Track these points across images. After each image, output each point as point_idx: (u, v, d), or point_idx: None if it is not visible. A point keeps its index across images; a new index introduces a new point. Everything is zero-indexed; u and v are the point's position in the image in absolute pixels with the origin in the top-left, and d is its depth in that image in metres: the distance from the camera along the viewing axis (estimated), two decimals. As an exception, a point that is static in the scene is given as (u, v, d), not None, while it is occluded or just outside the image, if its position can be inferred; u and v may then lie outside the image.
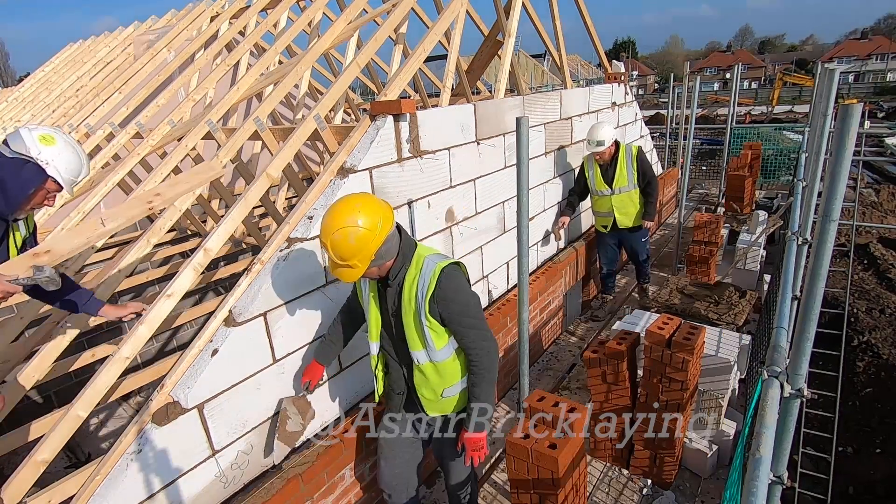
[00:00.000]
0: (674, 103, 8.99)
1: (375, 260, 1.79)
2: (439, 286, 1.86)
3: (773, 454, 1.29)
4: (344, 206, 1.74)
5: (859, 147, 5.69)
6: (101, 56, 5.96)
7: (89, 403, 2.00)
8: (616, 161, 4.48)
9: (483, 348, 1.97)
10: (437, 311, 1.89)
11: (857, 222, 5.20)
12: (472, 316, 1.94)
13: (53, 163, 1.79)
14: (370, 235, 1.72)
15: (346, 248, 1.71)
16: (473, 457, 2.09)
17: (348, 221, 1.70)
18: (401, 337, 2.03)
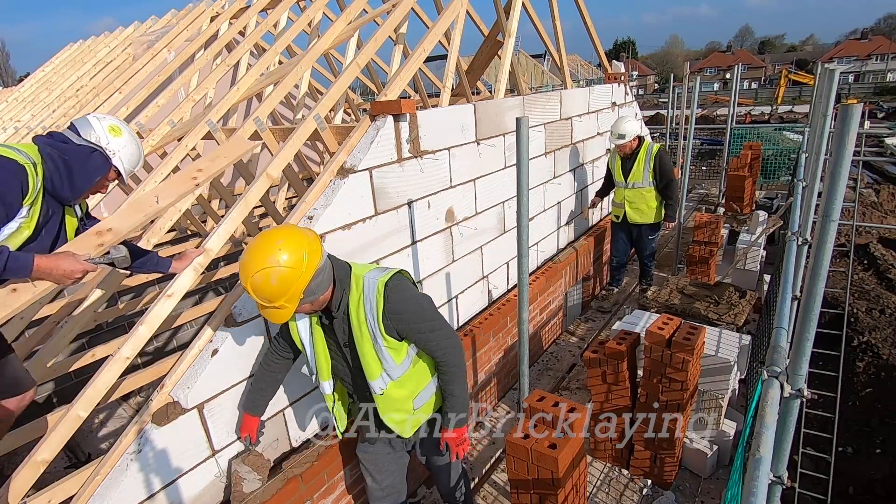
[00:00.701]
0: (674, 103, 8.99)
1: (305, 297, 1.63)
2: (387, 301, 1.75)
3: (773, 454, 1.29)
4: (263, 244, 1.56)
5: (859, 147, 5.69)
6: (101, 56, 5.96)
7: (89, 403, 2.00)
8: (636, 156, 4.63)
9: (449, 346, 1.90)
10: (392, 327, 1.79)
11: (857, 222, 5.20)
12: (429, 319, 1.85)
13: (119, 154, 1.85)
14: (295, 274, 1.55)
15: (269, 290, 1.54)
16: (459, 452, 2.06)
17: (269, 262, 1.53)
18: (357, 367, 1.93)
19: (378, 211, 2.68)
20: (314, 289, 1.65)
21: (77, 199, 1.87)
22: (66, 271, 1.68)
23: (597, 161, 5.37)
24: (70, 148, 1.77)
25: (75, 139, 1.80)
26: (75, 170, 1.77)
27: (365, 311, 1.77)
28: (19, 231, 1.69)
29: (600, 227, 5.41)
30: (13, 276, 1.61)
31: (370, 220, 2.65)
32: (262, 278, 1.53)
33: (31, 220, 1.71)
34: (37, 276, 1.65)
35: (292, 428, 2.41)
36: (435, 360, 1.95)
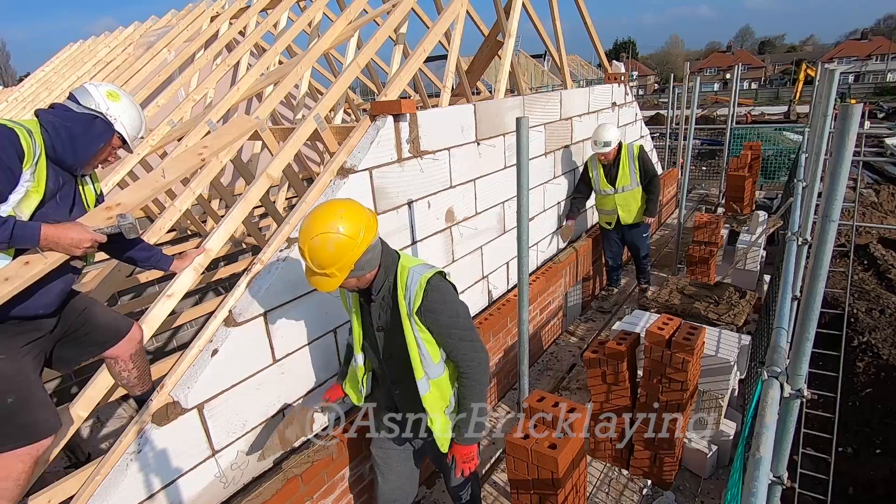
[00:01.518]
0: (674, 104, 8.99)
1: (355, 270, 1.67)
2: (426, 297, 1.77)
3: (773, 454, 1.29)
4: (326, 210, 1.62)
5: (859, 147, 5.70)
6: (101, 56, 5.97)
7: (89, 403, 2.00)
8: (619, 161, 4.60)
9: (475, 360, 1.88)
10: (426, 323, 1.81)
11: (857, 223, 5.21)
12: (462, 327, 1.85)
13: (120, 119, 1.83)
14: (351, 244, 1.60)
15: (324, 256, 1.59)
16: (464, 469, 2.01)
17: (329, 227, 1.58)
18: (388, 354, 1.95)
19: (378, 211, 2.68)
20: (364, 264, 1.68)
21: (83, 167, 1.84)
22: (73, 240, 1.69)
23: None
24: (71, 115, 1.77)
25: (76, 108, 1.79)
26: (77, 136, 1.76)
27: (405, 301, 1.80)
28: (28, 196, 1.66)
29: (596, 231, 5.40)
30: (21, 244, 1.60)
31: (370, 220, 2.64)
32: (320, 242, 1.57)
33: (38, 185, 1.68)
34: (45, 244, 1.65)
35: (292, 428, 2.40)
36: (458, 370, 1.92)
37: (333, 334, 2.55)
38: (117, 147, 1.90)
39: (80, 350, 1.93)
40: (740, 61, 23.20)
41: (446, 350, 1.89)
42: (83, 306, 1.94)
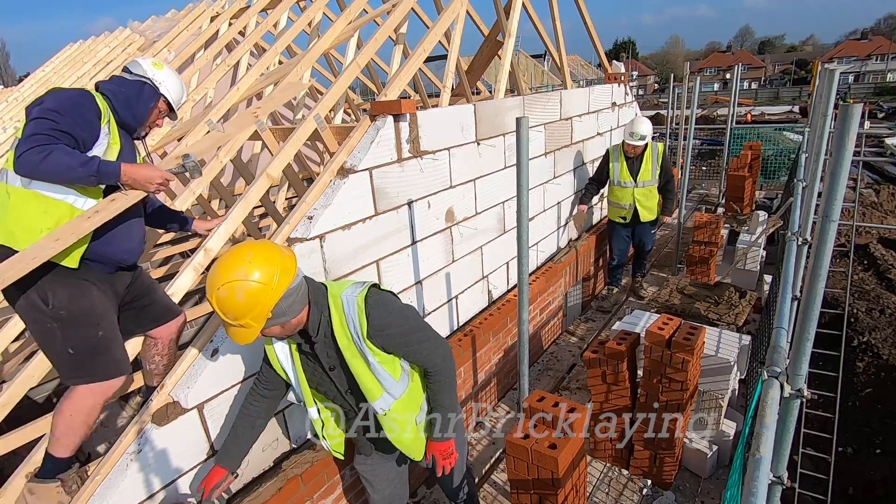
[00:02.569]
0: (674, 103, 8.99)
1: (274, 318, 1.53)
2: (370, 317, 1.67)
3: (773, 454, 1.29)
4: (233, 256, 1.48)
5: (859, 147, 5.70)
6: (101, 56, 5.96)
7: (89, 403, 2.00)
8: (643, 155, 4.67)
9: (439, 356, 1.82)
10: (379, 343, 1.71)
11: (857, 223, 5.21)
12: (416, 330, 1.77)
13: (164, 84, 2.08)
14: (264, 290, 1.46)
15: (234, 306, 1.45)
16: (445, 466, 1.97)
17: (236, 274, 1.44)
18: (347, 388, 1.85)
19: (378, 211, 2.68)
20: (284, 310, 1.54)
21: (141, 127, 2.08)
22: (147, 175, 1.91)
23: (597, 161, 5.36)
24: (125, 82, 2.04)
25: (128, 76, 2.06)
26: (131, 99, 2.01)
27: (350, 331, 1.69)
28: (109, 148, 1.90)
29: (600, 227, 5.40)
30: (105, 179, 1.82)
31: (370, 220, 2.65)
32: (227, 292, 1.44)
33: (114, 140, 1.92)
34: (125, 180, 1.87)
35: (292, 428, 2.41)
36: (425, 371, 1.86)
37: (333, 334, 2.54)
38: (164, 111, 2.15)
39: (138, 322, 2.13)
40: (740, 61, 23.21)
41: (408, 358, 1.82)
42: (149, 281, 2.20)
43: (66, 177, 1.75)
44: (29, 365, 2.20)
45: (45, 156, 1.69)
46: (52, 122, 1.73)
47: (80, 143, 1.80)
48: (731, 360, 2.92)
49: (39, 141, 1.69)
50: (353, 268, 2.60)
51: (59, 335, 1.83)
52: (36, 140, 1.69)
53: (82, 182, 1.79)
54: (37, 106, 1.77)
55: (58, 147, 1.71)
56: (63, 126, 1.75)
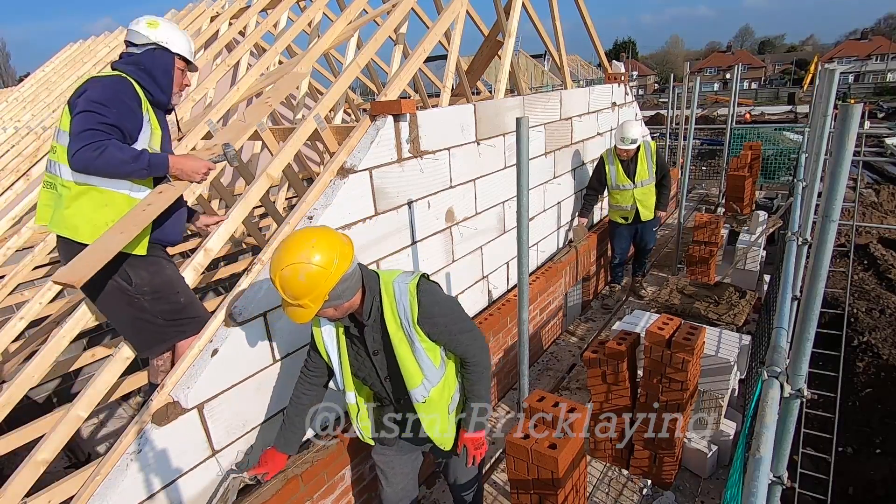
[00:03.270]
0: (674, 103, 8.99)
1: (330, 300, 1.62)
2: (420, 305, 1.75)
3: (773, 454, 1.29)
4: (297, 240, 1.58)
5: (859, 147, 5.69)
6: (101, 56, 5.96)
7: (89, 403, 2.00)
8: (637, 156, 4.67)
9: (479, 347, 1.91)
10: (426, 330, 1.79)
11: (857, 222, 5.20)
12: (460, 321, 1.87)
13: (171, 41, 2.03)
14: (324, 274, 1.55)
15: (295, 287, 1.54)
16: (476, 455, 2.04)
17: (300, 257, 1.53)
18: (387, 375, 1.91)
19: (378, 211, 2.68)
20: (340, 293, 1.64)
21: (171, 97, 2.08)
22: (194, 167, 2.01)
23: (597, 161, 5.37)
24: (139, 57, 1.99)
25: (137, 49, 2.01)
26: (154, 73, 2.00)
27: (399, 316, 1.77)
28: (153, 135, 1.97)
29: (601, 227, 5.40)
30: (156, 171, 1.91)
31: (370, 220, 2.65)
32: (290, 273, 1.53)
33: (155, 125, 1.99)
34: (173, 171, 1.97)
35: (292, 428, 2.40)
36: (463, 361, 1.93)
37: (333, 334, 2.55)
38: (183, 69, 2.13)
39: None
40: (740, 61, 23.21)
41: (449, 348, 1.89)
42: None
43: (119, 171, 1.84)
44: (29, 365, 2.20)
45: (101, 152, 1.75)
46: (100, 115, 1.79)
47: (127, 135, 1.87)
48: (730, 360, 2.92)
49: (93, 137, 1.76)
50: (353, 268, 2.60)
51: (148, 307, 2.03)
52: (89, 136, 1.75)
53: (135, 176, 1.88)
54: (80, 97, 1.82)
55: (111, 143, 1.78)
56: (111, 119, 1.81)
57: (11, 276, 3.08)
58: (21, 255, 3.25)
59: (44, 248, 3.05)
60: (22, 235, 3.22)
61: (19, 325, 2.62)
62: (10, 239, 3.26)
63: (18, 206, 3.65)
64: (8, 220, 3.60)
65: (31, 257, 3.05)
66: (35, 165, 4.18)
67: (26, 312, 2.64)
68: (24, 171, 4.26)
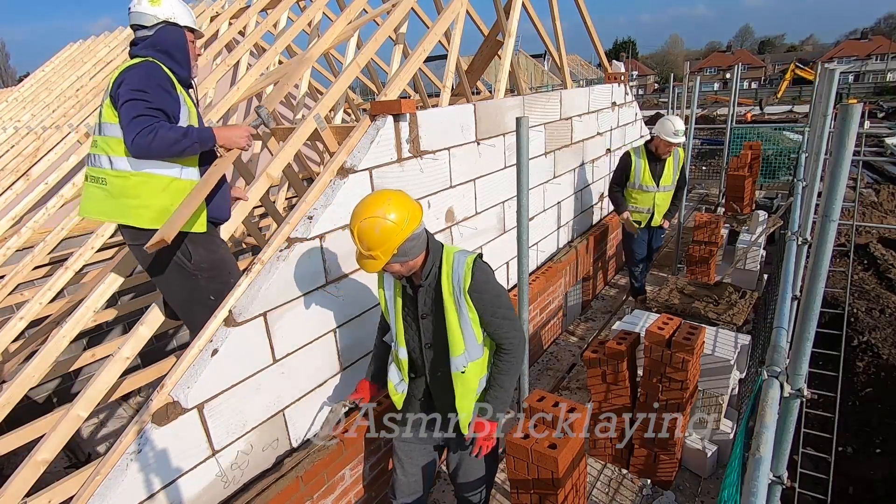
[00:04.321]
0: (674, 103, 8.99)
1: (398, 255, 1.80)
2: (473, 278, 1.89)
3: (772, 454, 1.29)
4: (376, 197, 1.78)
5: (859, 147, 5.70)
6: (101, 56, 5.96)
7: (89, 403, 2.00)
8: (665, 159, 4.50)
9: (516, 338, 2.01)
10: (474, 303, 1.92)
11: (857, 222, 5.20)
12: (504, 306, 1.98)
13: (176, 14, 2.08)
14: (395, 229, 1.74)
15: (371, 238, 1.73)
16: (483, 447, 2.06)
17: (377, 212, 1.73)
18: (428, 343, 2.03)
19: (378, 211, 2.68)
20: (407, 250, 1.80)
21: (191, 71, 2.14)
22: (237, 133, 2.13)
23: (597, 161, 5.36)
24: (153, 38, 2.03)
25: (148, 31, 2.05)
26: (171, 49, 2.04)
27: (453, 283, 1.92)
28: (190, 113, 2.05)
29: (600, 227, 5.40)
30: (205, 145, 2.01)
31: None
32: (368, 225, 1.72)
33: (189, 103, 2.06)
34: (220, 142, 2.08)
35: (292, 428, 2.41)
36: (499, 347, 2.03)
37: (333, 334, 2.55)
38: (193, 41, 2.18)
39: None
40: (740, 61, 23.18)
41: (489, 329, 1.99)
42: None
43: (174, 151, 1.92)
44: (29, 365, 2.20)
45: (154, 135, 1.84)
46: (145, 101, 1.87)
47: (171, 116, 1.95)
48: (730, 359, 2.92)
49: (144, 123, 1.84)
50: (353, 267, 2.60)
51: (202, 285, 2.16)
52: (141, 122, 1.84)
53: (187, 153, 1.97)
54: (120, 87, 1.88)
55: (161, 125, 1.87)
56: (156, 103, 1.89)
57: (11, 276, 3.08)
58: (21, 255, 3.26)
59: (44, 248, 3.05)
60: (22, 235, 3.22)
61: (19, 325, 2.63)
62: (10, 239, 3.26)
63: (18, 206, 3.65)
64: (8, 220, 3.60)
65: (31, 257, 3.05)
66: (35, 165, 4.18)
67: (26, 312, 2.64)
68: (24, 171, 4.25)
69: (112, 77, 1.98)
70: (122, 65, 2.00)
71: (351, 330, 2.62)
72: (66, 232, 3.09)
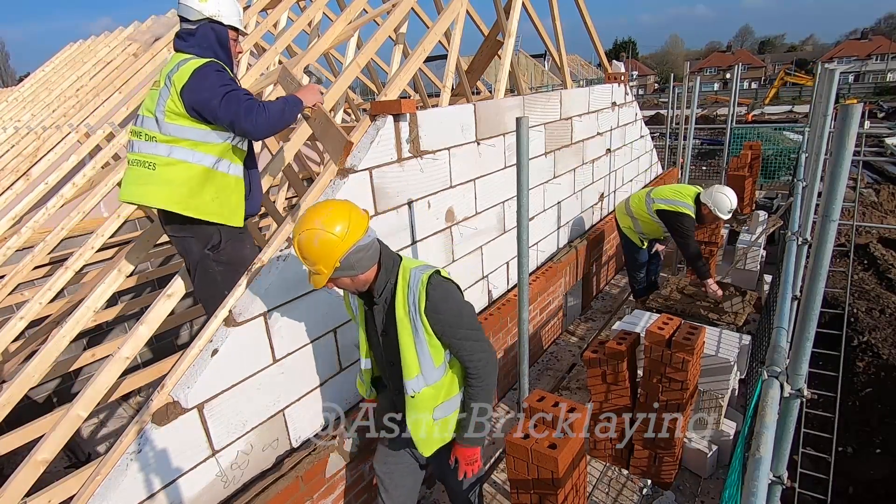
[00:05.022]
0: (674, 103, 8.99)
1: (343, 269, 1.68)
2: (429, 297, 1.76)
3: (773, 454, 1.29)
4: (316, 208, 1.69)
5: (859, 147, 5.70)
6: (101, 56, 5.96)
7: (89, 403, 2.00)
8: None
9: (481, 360, 1.85)
10: (431, 324, 1.79)
11: (857, 222, 5.20)
12: (466, 326, 1.82)
13: (222, 13, 2.14)
14: (335, 240, 1.63)
15: (310, 251, 1.64)
16: (467, 471, 1.99)
17: (315, 223, 1.63)
18: (390, 360, 1.92)
19: (378, 211, 2.68)
20: (353, 263, 1.69)
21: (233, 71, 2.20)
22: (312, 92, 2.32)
23: (597, 161, 5.36)
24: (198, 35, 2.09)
25: (193, 26, 2.10)
26: (214, 47, 2.12)
27: (409, 301, 1.79)
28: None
29: (599, 228, 5.40)
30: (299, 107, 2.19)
31: (370, 220, 2.65)
32: (306, 238, 1.64)
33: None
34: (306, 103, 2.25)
35: (292, 428, 2.40)
36: (465, 370, 1.90)
37: (333, 334, 2.55)
38: (236, 39, 2.24)
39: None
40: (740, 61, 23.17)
41: (452, 350, 1.86)
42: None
43: (288, 119, 2.10)
44: (29, 365, 2.20)
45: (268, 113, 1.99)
46: (235, 89, 1.98)
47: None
48: (731, 359, 2.92)
49: (252, 106, 1.96)
50: (353, 268, 2.60)
51: (220, 280, 2.21)
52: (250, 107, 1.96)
53: (292, 120, 2.15)
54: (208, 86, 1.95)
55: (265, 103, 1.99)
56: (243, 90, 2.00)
57: (11, 276, 3.08)
58: (21, 255, 3.25)
59: (44, 248, 3.05)
60: (22, 235, 3.22)
61: (19, 325, 2.63)
62: (10, 239, 3.26)
63: (18, 206, 3.65)
64: (8, 220, 3.60)
65: (31, 257, 3.05)
66: (35, 165, 4.18)
67: (26, 312, 2.64)
68: (24, 171, 4.26)
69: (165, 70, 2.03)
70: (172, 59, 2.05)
71: (351, 330, 2.62)
72: (66, 232, 3.09)
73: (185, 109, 1.99)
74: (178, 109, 1.99)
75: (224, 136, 2.10)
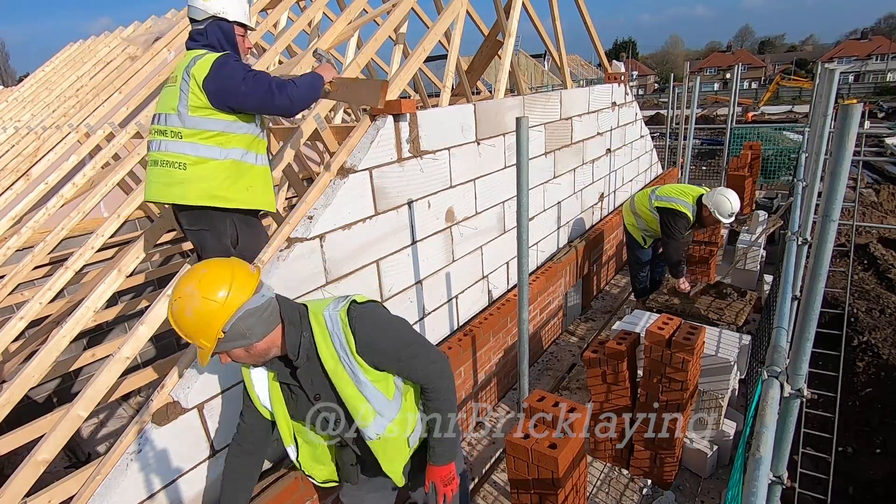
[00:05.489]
0: (674, 103, 8.99)
1: (230, 340, 1.39)
2: (355, 332, 1.53)
3: (773, 454, 1.30)
4: (190, 272, 1.40)
5: (859, 147, 5.69)
6: (101, 56, 5.96)
7: (89, 403, 2.00)
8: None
9: (434, 371, 1.67)
10: (369, 360, 1.57)
11: (857, 222, 5.20)
12: (408, 344, 1.62)
13: (226, 10, 2.15)
14: (213, 308, 1.35)
15: (184, 323, 1.36)
16: (447, 493, 1.79)
17: (186, 290, 1.35)
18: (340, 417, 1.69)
19: (378, 211, 2.68)
20: (244, 332, 1.40)
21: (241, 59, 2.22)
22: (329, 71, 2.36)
23: (597, 161, 5.36)
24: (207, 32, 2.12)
25: (200, 26, 2.12)
26: (222, 44, 2.14)
27: (335, 348, 1.55)
28: None
29: (599, 228, 5.40)
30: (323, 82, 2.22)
31: (370, 220, 2.65)
32: (178, 308, 1.35)
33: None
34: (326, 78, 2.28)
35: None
36: (422, 388, 1.71)
37: (333, 334, 2.54)
38: (244, 34, 2.26)
39: None
40: (740, 61, 23.19)
41: (402, 374, 1.67)
42: None
43: (314, 95, 2.18)
44: (29, 365, 2.20)
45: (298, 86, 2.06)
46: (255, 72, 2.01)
47: None
48: (731, 359, 2.92)
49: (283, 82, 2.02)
50: (353, 268, 2.60)
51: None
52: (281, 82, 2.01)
53: (319, 94, 2.21)
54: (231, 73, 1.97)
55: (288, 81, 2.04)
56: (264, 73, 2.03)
57: (11, 276, 3.08)
58: (21, 255, 3.25)
59: (44, 248, 3.05)
60: (22, 235, 3.22)
61: (19, 325, 2.62)
62: (10, 239, 3.26)
63: (18, 206, 3.65)
64: (8, 220, 3.60)
65: (31, 257, 3.05)
66: (35, 165, 4.18)
67: (26, 312, 2.64)
68: (24, 171, 4.25)
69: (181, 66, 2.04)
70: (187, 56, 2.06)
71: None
72: (66, 232, 3.09)
73: (208, 101, 1.99)
74: (201, 102, 2.00)
75: (248, 126, 2.11)
